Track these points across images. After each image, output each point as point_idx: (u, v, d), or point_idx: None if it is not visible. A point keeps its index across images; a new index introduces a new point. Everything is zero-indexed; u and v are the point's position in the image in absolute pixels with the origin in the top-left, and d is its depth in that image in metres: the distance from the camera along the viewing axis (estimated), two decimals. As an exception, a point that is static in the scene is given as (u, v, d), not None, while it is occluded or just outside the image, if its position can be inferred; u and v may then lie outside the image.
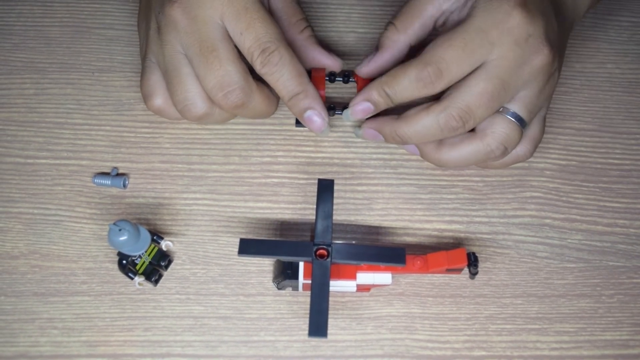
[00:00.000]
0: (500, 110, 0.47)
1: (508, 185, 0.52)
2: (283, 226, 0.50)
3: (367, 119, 0.50)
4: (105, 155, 0.52)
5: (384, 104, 0.48)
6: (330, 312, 0.47)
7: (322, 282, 0.44)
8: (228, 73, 0.46)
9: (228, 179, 0.52)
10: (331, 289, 0.46)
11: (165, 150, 0.52)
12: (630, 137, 0.54)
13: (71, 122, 0.53)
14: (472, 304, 0.48)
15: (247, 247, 0.45)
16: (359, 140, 0.53)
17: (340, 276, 0.46)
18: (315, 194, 0.47)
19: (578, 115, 0.55)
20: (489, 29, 0.44)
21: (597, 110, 0.55)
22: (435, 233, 0.50)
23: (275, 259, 0.48)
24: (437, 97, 0.47)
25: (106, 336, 0.47)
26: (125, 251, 0.46)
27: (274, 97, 0.49)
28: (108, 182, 0.51)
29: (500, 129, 0.46)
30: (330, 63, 0.51)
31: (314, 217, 0.48)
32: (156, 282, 0.48)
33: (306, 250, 0.45)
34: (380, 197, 0.51)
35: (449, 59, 0.44)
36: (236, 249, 0.45)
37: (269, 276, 0.49)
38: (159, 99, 0.49)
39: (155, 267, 0.48)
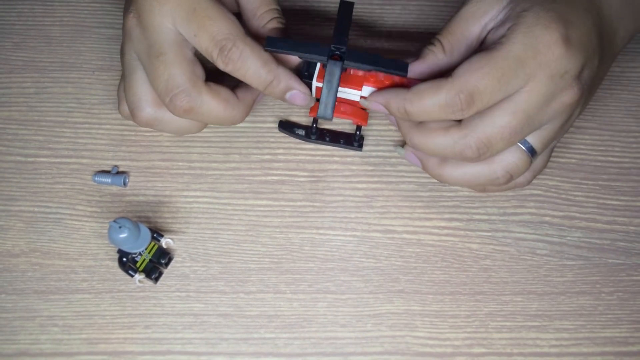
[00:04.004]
0: None
1: (507, 183, 0.52)
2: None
3: (374, 93, 0.48)
4: (106, 154, 0.52)
5: (399, 118, 0.47)
6: (330, 309, 0.47)
7: (331, 81, 0.47)
8: (172, 76, 0.45)
9: (228, 176, 0.52)
10: (339, 95, 0.48)
11: (166, 148, 0.52)
12: (630, 135, 0.54)
13: (72, 120, 0.53)
14: (472, 301, 0.48)
15: (275, 43, 0.46)
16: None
17: (348, 83, 0.48)
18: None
19: (577, 113, 0.55)
20: (527, 60, 0.42)
21: (596, 108, 0.55)
22: (435, 230, 0.50)
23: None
24: None
25: (106, 334, 0.47)
26: (126, 249, 0.46)
27: (237, 101, 0.48)
28: (108, 180, 0.51)
29: (510, 158, 0.45)
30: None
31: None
32: (156, 279, 0.48)
33: (323, 51, 0.47)
34: (380, 195, 0.51)
35: (483, 88, 0.42)
36: (236, 247, 0.45)
37: (269, 274, 0.49)
38: (123, 105, 0.50)
39: (156, 264, 0.48)
